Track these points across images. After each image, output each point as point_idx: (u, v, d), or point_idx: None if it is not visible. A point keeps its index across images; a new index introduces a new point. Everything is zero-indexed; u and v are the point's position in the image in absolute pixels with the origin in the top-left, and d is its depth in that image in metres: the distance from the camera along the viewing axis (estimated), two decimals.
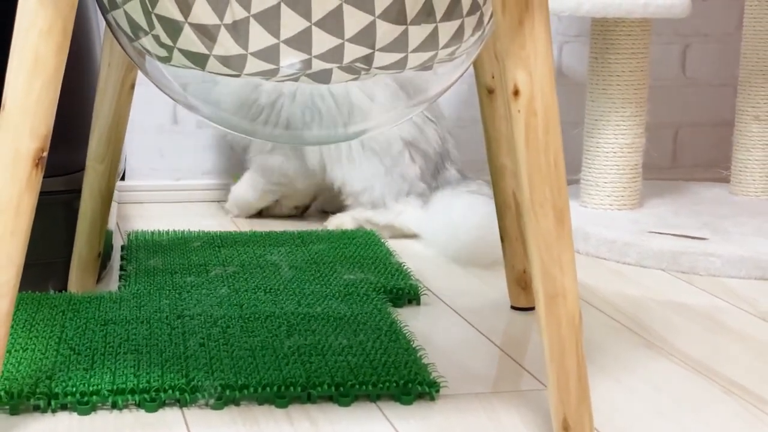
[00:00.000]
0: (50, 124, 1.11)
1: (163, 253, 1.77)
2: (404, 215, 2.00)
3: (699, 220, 1.99)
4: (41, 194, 1.50)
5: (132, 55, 1.27)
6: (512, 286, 1.59)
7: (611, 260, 1.88)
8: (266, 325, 1.42)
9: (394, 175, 2.00)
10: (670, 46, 2.49)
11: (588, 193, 2.08)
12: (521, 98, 1.07)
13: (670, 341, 1.48)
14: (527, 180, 1.08)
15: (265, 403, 1.23)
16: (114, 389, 1.21)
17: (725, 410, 1.25)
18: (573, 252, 1.10)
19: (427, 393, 1.25)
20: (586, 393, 1.10)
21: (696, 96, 2.53)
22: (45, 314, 1.44)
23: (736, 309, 1.63)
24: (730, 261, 1.79)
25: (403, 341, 1.37)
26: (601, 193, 2.07)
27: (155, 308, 1.48)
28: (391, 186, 2.01)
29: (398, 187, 2.01)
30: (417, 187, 2.02)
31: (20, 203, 1.10)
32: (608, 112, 2.04)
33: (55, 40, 1.10)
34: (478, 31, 1.21)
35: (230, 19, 1.10)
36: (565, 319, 1.09)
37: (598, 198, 2.07)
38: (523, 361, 1.39)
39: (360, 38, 1.11)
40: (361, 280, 1.63)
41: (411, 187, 2.01)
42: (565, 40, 2.43)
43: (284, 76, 1.16)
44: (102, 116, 1.50)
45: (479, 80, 1.51)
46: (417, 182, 2.02)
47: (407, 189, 2.01)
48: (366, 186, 2.01)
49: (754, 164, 2.18)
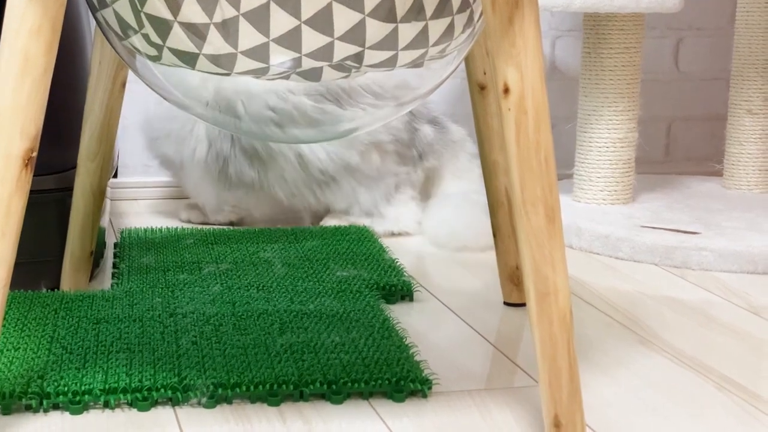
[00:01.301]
0: (40, 124, 1.11)
1: (156, 250, 1.77)
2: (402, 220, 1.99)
3: (692, 215, 1.99)
4: (33, 193, 1.50)
5: (122, 53, 1.27)
6: (505, 283, 1.59)
7: (604, 255, 1.88)
8: (259, 323, 1.41)
9: (371, 179, 1.99)
10: (663, 40, 2.49)
11: (581, 187, 2.08)
12: (512, 96, 1.07)
13: (662, 336, 1.48)
14: (518, 178, 1.08)
15: (257, 402, 1.23)
16: (106, 388, 1.21)
17: (718, 406, 1.25)
18: (564, 250, 1.10)
19: (420, 390, 1.25)
20: (577, 391, 1.11)
21: (689, 90, 2.53)
22: (37, 313, 1.44)
23: (728, 304, 1.63)
24: (723, 255, 1.79)
25: (395, 338, 1.37)
26: (594, 187, 2.07)
27: (148, 306, 1.48)
28: (374, 191, 1.98)
29: (384, 189, 1.99)
30: (401, 176, 1.99)
31: (10, 204, 1.10)
32: (601, 106, 2.04)
33: (44, 39, 1.09)
34: (469, 28, 1.21)
35: (220, 17, 1.10)
36: (556, 317, 1.09)
37: (591, 193, 2.07)
38: (515, 358, 1.39)
39: (350, 36, 1.11)
40: (354, 277, 1.63)
41: (397, 180, 1.99)
42: (557, 35, 2.43)
43: (274, 74, 1.16)
44: (93, 114, 1.50)
45: (471, 77, 1.50)
46: (397, 170, 1.99)
47: (394, 182, 1.99)
48: (350, 202, 1.99)
49: (746, 158, 2.18)
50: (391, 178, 1.98)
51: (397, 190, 2.00)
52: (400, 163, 1.99)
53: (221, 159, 1.95)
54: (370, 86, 1.82)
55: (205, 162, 1.96)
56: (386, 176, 1.98)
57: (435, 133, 2.03)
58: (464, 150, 2.07)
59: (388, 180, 1.98)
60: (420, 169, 2.02)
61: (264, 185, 1.96)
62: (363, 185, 1.97)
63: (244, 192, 1.98)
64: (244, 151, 1.94)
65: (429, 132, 2.02)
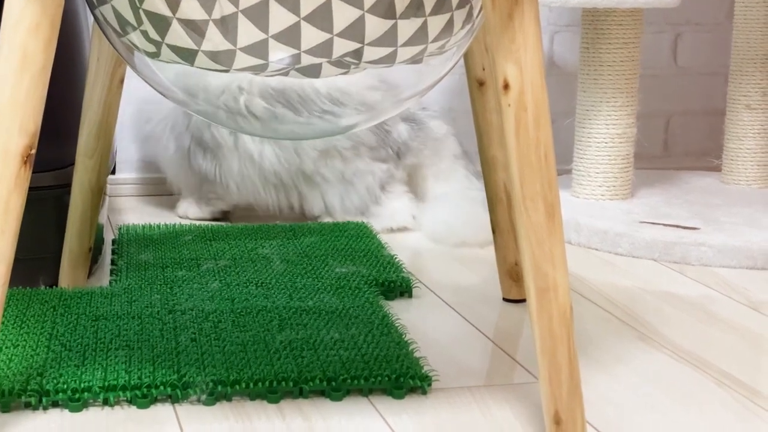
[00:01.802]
0: (39, 121, 1.11)
1: (155, 247, 1.77)
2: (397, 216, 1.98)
3: (690, 210, 1.99)
4: (31, 189, 1.50)
5: (120, 50, 1.27)
6: (504, 278, 1.59)
7: (603, 251, 1.88)
8: (258, 320, 1.41)
9: (354, 180, 1.97)
10: (661, 35, 2.49)
11: (579, 183, 2.08)
12: (511, 92, 1.07)
13: (662, 332, 1.48)
14: (518, 175, 1.08)
15: (257, 399, 1.23)
16: (105, 386, 1.21)
17: (718, 402, 1.25)
18: (564, 246, 1.09)
19: (419, 387, 1.25)
20: (577, 387, 1.10)
21: (687, 85, 2.53)
22: (36, 310, 1.43)
23: (727, 299, 1.63)
24: (722, 251, 1.79)
25: (395, 335, 1.37)
26: (592, 183, 2.07)
27: (146, 303, 1.48)
28: (352, 194, 1.97)
29: (366, 189, 1.97)
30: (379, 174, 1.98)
31: (9, 201, 1.09)
32: (599, 102, 2.04)
33: (43, 35, 1.09)
34: (468, 24, 1.21)
35: (218, 14, 1.09)
36: (556, 313, 1.09)
37: (590, 188, 2.07)
38: (515, 354, 1.39)
39: (349, 33, 1.11)
40: (352, 273, 1.63)
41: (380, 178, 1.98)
42: (556, 30, 2.42)
43: (273, 71, 1.15)
44: (91, 111, 1.50)
45: (470, 72, 1.50)
46: (372, 168, 1.98)
47: (377, 182, 1.98)
48: (329, 205, 1.98)
49: (745, 153, 2.18)
50: (370, 177, 1.97)
51: (384, 189, 1.99)
52: (376, 161, 1.97)
53: (185, 152, 2.00)
54: (329, 93, 1.80)
55: (177, 157, 2.02)
56: (364, 176, 1.96)
57: (411, 131, 2.02)
58: (446, 147, 2.05)
59: (368, 180, 1.97)
60: (401, 167, 2.01)
61: (219, 178, 1.98)
62: (335, 189, 1.96)
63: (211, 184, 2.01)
64: (198, 143, 1.98)
65: (403, 131, 2.01)
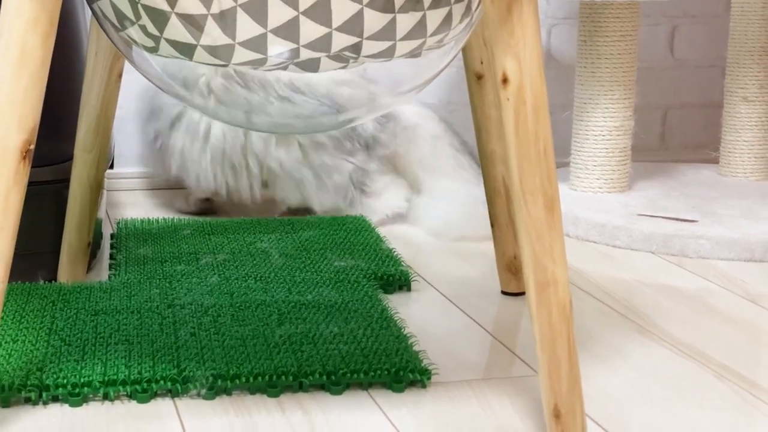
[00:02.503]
0: (37, 116, 1.11)
1: (153, 241, 1.77)
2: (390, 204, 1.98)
3: (688, 203, 1.99)
4: (30, 184, 1.50)
5: (118, 44, 1.26)
6: (503, 272, 1.59)
7: (601, 243, 1.88)
8: (257, 314, 1.41)
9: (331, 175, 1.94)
10: (658, 28, 2.49)
11: (577, 176, 2.08)
12: (510, 86, 1.07)
13: (660, 325, 1.48)
14: (517, 168, 1.08)
15: (257, 393, 1.23)
16: (105, 380, 1.21)
17: (717, 395, 1.25)
18: (563, 240, 1.10)
19: (419, 380, 1.25)
20: (577, 381, 1.11)
21: (684, 77, 2.53)
22: (35, 305, 1.43)
23: (726, 292, 1.63)
24: (720, 243, 1.79)
25: (394, 328, 1.37)
26: (590, 176, 2.07)
27: (146, 298, 1.48)
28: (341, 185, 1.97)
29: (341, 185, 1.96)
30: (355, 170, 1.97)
31: (8, 197, 1.09)
32: (597, 95, 2.04)
33: (41, 30, 1.09)
34: (467, 18, 1.21)
35: (217, 8, 1.09)
36: (556, 307, 1.09)
37: (588, 181, 2.07)
38: (514, 348, 1.39)
39: (348, 27, 1.11)
40: (351, 267, 1.63)
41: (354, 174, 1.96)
42: (553, 23, 2.42)
43: (272, 65, 1.15)
44: (90, 105, 1.49)
45: (468, 66, 1.50)
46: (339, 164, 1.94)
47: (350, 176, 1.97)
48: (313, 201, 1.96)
49: (743, 145, 2.18)
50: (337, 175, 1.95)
51: (364, 186, 1.97)
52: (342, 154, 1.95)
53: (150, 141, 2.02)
54: (292, 81, 1.77)
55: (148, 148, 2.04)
56: (330, 172, 1.95)
57: (377, 124, 1.99)
58: (421, 133, 2.02)
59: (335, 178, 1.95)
60: (375, 159, 1.98)
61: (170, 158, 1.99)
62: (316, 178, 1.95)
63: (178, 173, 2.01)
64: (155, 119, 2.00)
65: (368, 124, 1.98)
